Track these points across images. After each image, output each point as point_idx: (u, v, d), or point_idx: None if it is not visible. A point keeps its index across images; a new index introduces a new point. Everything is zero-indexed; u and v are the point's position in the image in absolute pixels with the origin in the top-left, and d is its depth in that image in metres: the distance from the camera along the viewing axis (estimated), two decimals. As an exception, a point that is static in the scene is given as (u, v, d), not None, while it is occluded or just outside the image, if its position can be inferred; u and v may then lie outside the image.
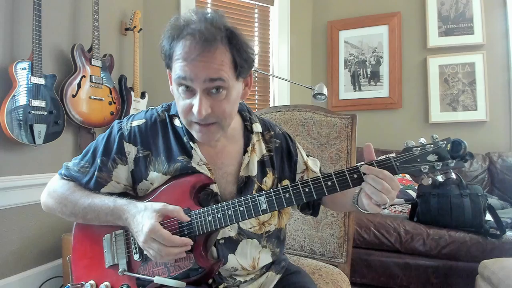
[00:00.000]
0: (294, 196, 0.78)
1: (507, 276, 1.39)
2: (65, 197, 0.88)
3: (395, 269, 2.06)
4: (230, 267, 0.87)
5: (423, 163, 0.71)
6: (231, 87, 0.80)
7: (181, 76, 0.77)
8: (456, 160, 0.69)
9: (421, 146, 0.72)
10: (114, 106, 2.21)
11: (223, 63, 0.76)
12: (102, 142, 0.90)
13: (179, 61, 0.77)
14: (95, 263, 0.89)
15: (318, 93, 2.31)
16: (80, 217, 0.88)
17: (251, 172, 0.91)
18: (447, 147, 0.70)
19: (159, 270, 0.83)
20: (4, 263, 1.78)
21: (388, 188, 0.71)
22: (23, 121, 1.70)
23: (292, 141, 1.02)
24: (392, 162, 0.73)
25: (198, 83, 0.76)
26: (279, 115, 1.47)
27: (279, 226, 0.97)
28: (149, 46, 2.69)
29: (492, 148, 2.74)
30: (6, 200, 1.77)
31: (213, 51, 0.75)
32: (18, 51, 1.79)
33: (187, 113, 0.80)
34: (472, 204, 1.97)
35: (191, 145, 0.88)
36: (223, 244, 0.87)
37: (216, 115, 0.79)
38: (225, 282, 0.88)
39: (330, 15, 3.32)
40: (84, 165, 0.90)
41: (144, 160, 0.88)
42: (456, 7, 2.94)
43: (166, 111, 0.93)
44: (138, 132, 0.89)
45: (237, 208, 0.80)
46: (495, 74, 2.84)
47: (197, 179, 0.85)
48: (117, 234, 0.88)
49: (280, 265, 0.99)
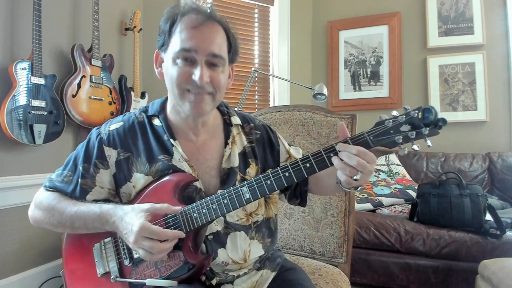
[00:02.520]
0: (275, 182, 0.79)
1: (507, 276, 1.39)
2: (52, 207, 0.88)
3: (395, 269, 2.06)
4: (221, 261, 0.88)
5: (396, 134, 0.72)
6: (226, 67, 0.88)
7: (185, 48, 0.81)
8: (429, 128, 0.70)
9: (393, 118, 0.73)
10: (114, 106, 2.21)
11: (222, 42, 0.85)
12: (82, 150, 0.91)
13: (184, 32, 0.81)
14: (87, 275, 0.89)
15: (318, 93, 2.31)
16: (68, 226, 0.88)
17: (233, 163, 0.92)
18: (419, 116, 0.70)
19: (150, 272, 0.83)
20: (4, 263, 1.78)
21: (362, 163, 0.72)
22: (23, 121, 1.70)
23: (272, 132, 1.04)
24: (366, 137, 0.74)
25: (202, 55, 0.81)
26: (279, 115, 1.47)
27: (267, 216, 0.97)
28: (149, 46, 2.69)
29: (492, 148, 2.74)
30: (6, 200, 1.77)
31: (215, 26, 0.83)
32: (18, 51, 1.79)
33: (184, 81, 0.82)
34: (472, 204, 1.97)
35: (171, 142, 0.88)
36: (212, 239, 0.87)
37: (213, 85, 0.84)
38: (217, 277, 0.88)
39: (330, 15, 3.33)
40: (67, 174, 0.91)
41: (126, 162, 0.89)
42: (456, 7, 2.94)
43: (144, 112, 0.94)
44: (117, 135, 0.90)
45: (221, 201, 0.81)
46: (495, 74, 2.84)
47: (179, 178, 0.86)
48: (106, 242, 0.88)
49: (275, 262, 0.99)
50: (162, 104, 0.95)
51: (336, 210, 1.35)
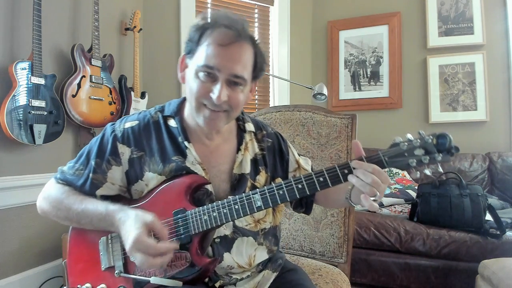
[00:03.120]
0: (287, 193, 0.79)
1: (507, 276, 1.39)
2: (60, 201, 0.89)
3: (395, 269, 2.06)
4: (226, 265, 0.88)
5: (410, 157, 0.73)
6: (247, 86, 0.87)
7: (208, 65, 0.80)
8: (442, 154, 0.72)
9: (408, 141, 0.74)
10: (114, 106, 2.21)
11: (247, 62, 0.84)
12: (96, 145, 0.91)
13: (211, 46, 0.81)
14: (91, 266, 0.89)
15: (318, 93, 2.31)
16: (74, 222, 0.88)
17: (244, 169, 0.93)
18: (433, 141, 0.72)
19: (155, 270, 0.83)
20: (4, 263, 1.78)
21: (377, 181, 0.72)
22: (23, 121, 1.70)
23: (283, 141, 1.05)
24: (381, 157, 0.75)
25: (223, 74, 0.81)
26: (279, 115, 1.47)
27: (274, 224, 0.98)
28: (149, 46, 2.69)
29: (492, 148, 2.74)
30: (6, 200, 1.77)
31: (243, 46, 0.83)
32: (18, 51, 1.79)
33: (203, 96, 0.82)
34: (472, 204, 1.97)
35: (185, 145, 0.89)
36: (218, 243, 0.87)
37: (229, 104, 0.83)
38: (221, 280, 0.89)
39: (330, 15, 3.33)
40: (78, 167, 0.90)
41: (138, 160, 0.89)
42: (456, 7, 2.94)
43: (160, 112, 0.94)
44: (132, 134, 0.90)
45: (232, 206, 0.81)
46: (495, 74, 2.84)
47: (192, 180, 0.86)
48: (113, 236, 0.88)
49: (277, 263, 0.99)
50: (179, 105, 0.95)
51: (336, 210, 1.35)
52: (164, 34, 2.72)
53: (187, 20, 2.74)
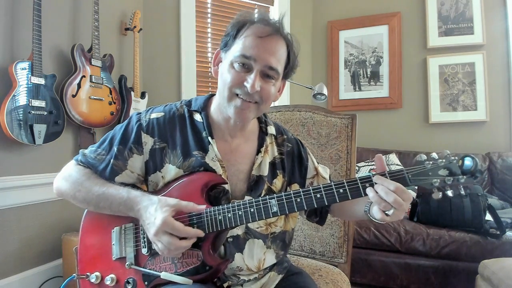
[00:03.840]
0: (305, 201, 0.79)
1: (507, 276, 1.39)
2: (80, 182, 0.88)
3: (395, 269, 2.06)
4: (236, 266, 0.88)
5: (434, 177, 0.72)
6: (278, 81, 0.89)
7: (245, 55, 0.83)
8: (466, 176, 0.71)
9: (433, 160, 0.73)
10: (114, 106, 2.21)
11: (282, 57, 0.86)
12: (120, 131, 0.91)
13: (250, 37, 0.83)
14: (102, 255, 0.89)
15: (318, 93, 2.30)
16: (92, 204, 0.88)
17: (263, 172, 0.93)
18: (459, 163, 0.71)
19: (166, 265, 0.83)
20: (4, 263, 1.78)
21: (399, 201, 0.71)
22: (23, 121, 1.70)
23: (303, 147, 1.05)
24: (404, 174, 0.74)
25: (259, 64, 0.83)
26: (279, 115, 1.47)
27: (285, 229, 0.98)
28: (149, 46, 2.69)
29: (492, 148, 2.74)
30: (6, 200, 1.76)
31: (280, 41, 0.85)
32: (18, 51, 1.79)
33: (236, 85, 0.84)
34: (472, 204, 1.97)
35: (209, 140, 0.89)
36: (231, 242, 0.87)
37: (261, 96, 0.85)
38: (229, 281, 0.89)
39: (330, 15, 3.32)
40: (100, 152, 0.91)
41: (160, 152, 0.89)
42: (456, 7, 2.94)
43: (187, 106, 0.95)
44: (156, 125, 0.91)
45: (248, 209, 0.81)
46: (495, 74, 2.84)
47: (210, 178, 0.86)
48: (126, 227, 0.89)
49: (283, 265, 1.00)
50: (205, 101, 0.96)
51: (336, 210, 1.35)
52: (164, 34, 2.72)
53: (187, 20, 2.74)
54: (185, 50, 2.73)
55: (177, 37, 2.72)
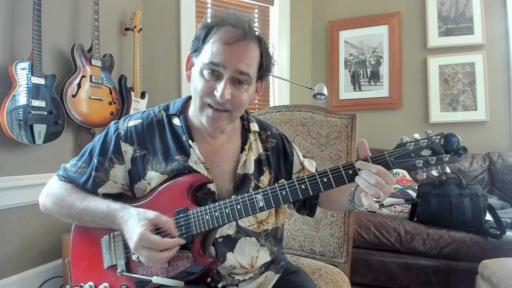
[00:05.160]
0: (290, 193, 0.79)
1: (507, 276, 1.39)
2: (62, 199, 0.89)
3: (395, 269, 2.06)
4: (229, 265, 0.88)
5: (417, 158, 0.72)
6: (251, 85, 0.86)
7: (213, 62, 0.80)
8: (450, 155, 0.70)
9: (415, 141, 0.73)
10: (114, 106, 2.21)
11: (253, 60, 0.83)
12: (98, 143, 0.90)
13: (216, 43, 0.80)
14: (93, 264, 0.89)
15: (318, 93, 2.30)
16: (76, 219, 0.89)
17: (248, 170, 0.92)
18: (441, 142, 0.70)
19: (157, 270, 0.83)
20: (4, 263, 1.78)
21: (381, 182, 0.71)
22: (23, 121, 1.70)
23: (288, 142, 1.04)
24: (386, 157, 0.74)
25: (228, 71, 0.80)
26: (279, 115, 1.47)
27: (276, 225, 0.98)
28: (149, 46, 2.69)
29: (492, 148, 2.74)
30: (6, 200, 1.77)
31: (249, 45, 0.81)
32: (18, 51, 1.79)
33: (206, 94, 0.82)
34: (472, 204, 1.97)
35: (190, 143, 0.88)
36: (221, 242, 0.87)
37: (232, 104, 0.83)
38: (223, 281, 0.88)
39: (330, 15, 3.32)
40: (81, 165, 0.91)
41: (141, 159, 0.88)
42: (456, 7, 2.94)
43: (165, 110, 0.94)
44: (135, 132, 0.90)
45: (235, 207, 0.81)
46: (495, 74, 2.84)
47: (194, 179, 0.86)
48: (115, 235, 0.88)
49: (279, 264, 0.99)
50: (183, 104, 0.94)
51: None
52: (164, 34, 2.72)
53: (187, 20, 2.74)
54: (185, 50, 2.73)
55: (177, 37, 2.72)
